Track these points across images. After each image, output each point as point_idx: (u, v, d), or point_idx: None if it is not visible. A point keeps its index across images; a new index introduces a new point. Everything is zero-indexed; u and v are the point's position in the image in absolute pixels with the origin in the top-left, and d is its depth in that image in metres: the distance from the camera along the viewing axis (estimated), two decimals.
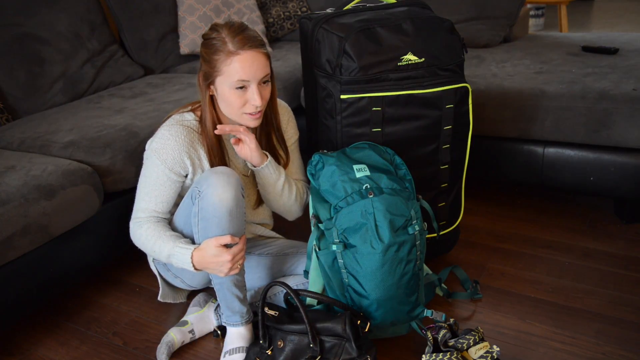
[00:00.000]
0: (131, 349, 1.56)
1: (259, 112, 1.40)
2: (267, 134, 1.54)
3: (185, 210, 1.42)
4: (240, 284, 1.43)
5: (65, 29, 2.28)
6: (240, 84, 1.34)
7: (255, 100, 1.36)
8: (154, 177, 1.42)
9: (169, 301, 1.65)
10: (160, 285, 1.61)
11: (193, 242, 1.40)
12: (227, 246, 1.33)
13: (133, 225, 1.46)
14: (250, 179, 1.58)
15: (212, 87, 1.39)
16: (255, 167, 1.48)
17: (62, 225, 1.54)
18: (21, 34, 2.15)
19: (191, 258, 1.35)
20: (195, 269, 1.36)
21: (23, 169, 1.57)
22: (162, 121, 1.48)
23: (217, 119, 1.44)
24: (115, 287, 1.85)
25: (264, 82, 1.39)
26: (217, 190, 1.32)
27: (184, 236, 1.43)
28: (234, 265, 1.34)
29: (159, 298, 1.62)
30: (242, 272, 1.43)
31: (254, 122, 1.41)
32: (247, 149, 1.44)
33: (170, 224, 1.49)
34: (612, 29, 5.25)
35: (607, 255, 1.81)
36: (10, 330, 1.67)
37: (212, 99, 1.43)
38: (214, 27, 1.37)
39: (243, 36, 1.33)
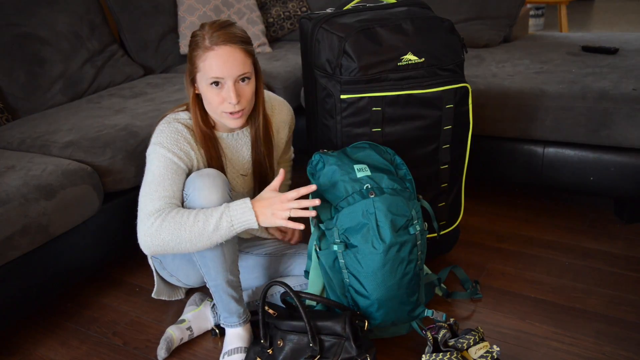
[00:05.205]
0: (131, 349, 1.56)
1: (239, 111, 1.35)
2: (268, 147, 1.53)
3: None
4: (235, 284, 1.42)
5: (65, 29, 2.28)
6: (214, 80, 1.30)
7: (230, 97, 1.31)
8: (162, 167, 1.34)
9: (163, 298, 1.65)
10: (155, 282, 1.61)
11: None
12: None
13: (149, 226, 1.28)
14: (249, 178, 1.57)
15: (195, 84, 1.38)
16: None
17: (62, 225, 1.54)
18: (21, 34, 2.15)
19: (252, 206, 1.27)
20: (257, 219, 1.27)
21: (23, 169, 1.57)
22: (157, 121, 1.46)
23: (203, 119, 1.42)
24: (115, 287, 1.85)
25: (242, 80, 1.33)
26: (203, 193, 1.31)
27: None
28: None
29: (153, 295, 1.62)
30: (236, 273, 1.43)
31: (234, 122, 1.37)
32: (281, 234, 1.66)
33: None
34: (612, 29, 5.25)
35: (607, 255, 1.81)
36: (10, 330, 1.67)
37: (199, 97, 1.40)
38: (201, 25, 1.36)
39: (222, 32, 1.30)
